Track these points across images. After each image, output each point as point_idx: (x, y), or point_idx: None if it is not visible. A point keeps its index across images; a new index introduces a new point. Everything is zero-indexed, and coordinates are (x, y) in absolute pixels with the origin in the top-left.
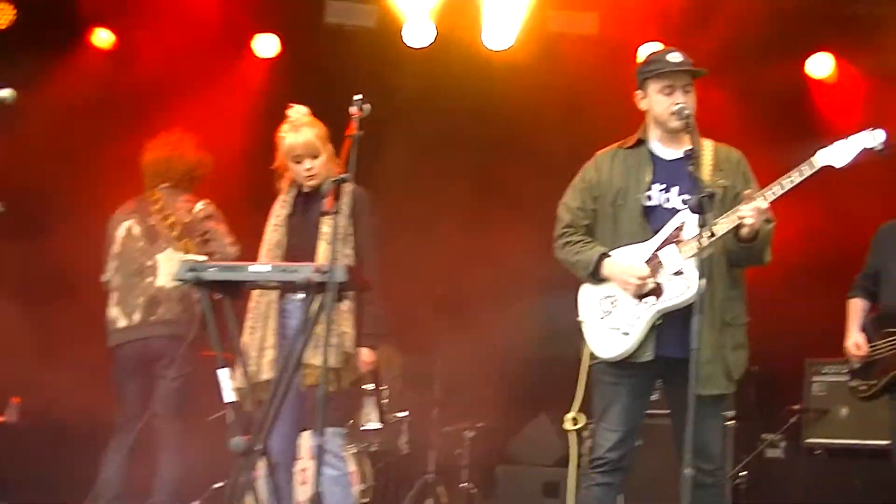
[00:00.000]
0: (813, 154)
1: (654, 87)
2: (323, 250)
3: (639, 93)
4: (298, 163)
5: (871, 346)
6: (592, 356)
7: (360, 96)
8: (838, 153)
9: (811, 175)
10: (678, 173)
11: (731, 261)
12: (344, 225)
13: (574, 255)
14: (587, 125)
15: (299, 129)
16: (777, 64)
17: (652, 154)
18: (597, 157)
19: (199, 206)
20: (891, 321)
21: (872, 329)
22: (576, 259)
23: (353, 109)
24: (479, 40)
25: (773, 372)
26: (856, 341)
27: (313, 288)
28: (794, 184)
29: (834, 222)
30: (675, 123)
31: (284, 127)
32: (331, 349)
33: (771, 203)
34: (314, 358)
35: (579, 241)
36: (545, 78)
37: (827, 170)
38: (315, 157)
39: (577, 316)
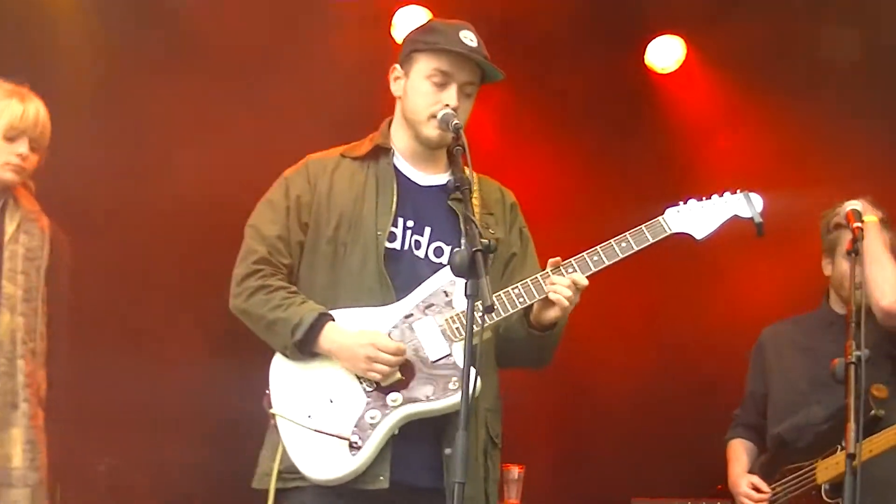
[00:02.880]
0: (662, 212)
1: (421, 68)
2: (5, 323)
3: (397, 69)
4: (11, 140)
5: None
6: (288, 473)
7: None
8: (697, 219)
9: (656, 243)
10: (433, 208)
11: (499, 355)
12: (32, 287)
13: (273, 308)
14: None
15: (28, 98)
16: (609, 52)
17: (398, 173)
18: (308, 163)
19: None
20: (788, 454)
21: (763, 475)
22: (276, 316)
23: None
24: None
25: None
26: (751, 482)
27: None
28: (630, 252)
29: (677, 296)
30: (432, 132)
31: None
32: (4, 493)
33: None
34: None
35: (280, 289)
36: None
37: (680, 237)
38: (35, 149)
39: (268, 406)
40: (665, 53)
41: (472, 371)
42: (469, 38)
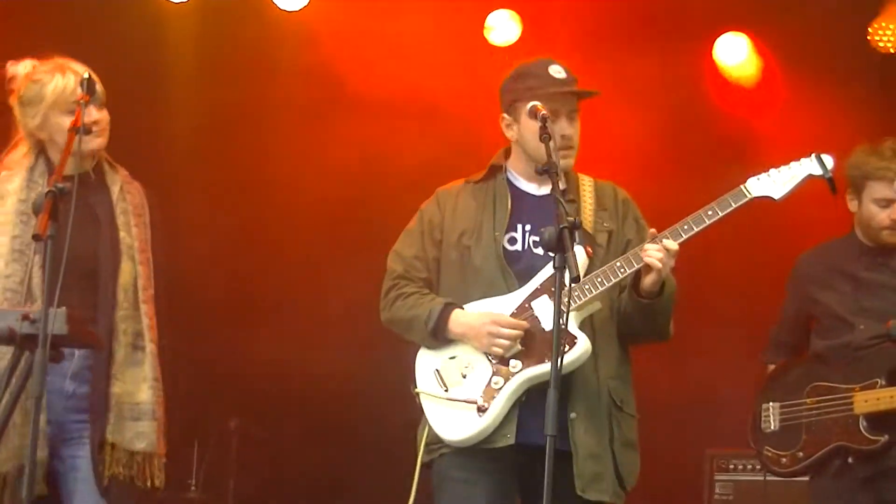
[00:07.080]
0: (744, 181)
1: (529, 112)
2: (128, 271)
3: (505, 117)
4: (73, 113)
5: (796, 404)
6: (432, 444)
7: (87, 74)
8: (775, 183)
9: (738, 208)
10: (550, 213)
11: (621, 331)
12: (144, 238)
13: (408, 309)
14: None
15: (69, 69)
16: (676, 47)
17: (511, 186)
18: (438, 194)
19: None
20: (823, 370)
21: (796, 382)
22: (412, 314)
23: (79, 92)
24: None
25: (658, 465)
26: None
27: (19, 343)
28: (716, 218)
29: (763, 254)
30: (564, 162)
31: (23, 68)
32: (132, 426)
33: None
34: (127, 436)
35: (414, 293)
36: (365, 51)
37: (760, 201)
38: (99, 106)
39: (413, 386)
40: (732, 50)
41: (565, 330)
42: (558, 71)
